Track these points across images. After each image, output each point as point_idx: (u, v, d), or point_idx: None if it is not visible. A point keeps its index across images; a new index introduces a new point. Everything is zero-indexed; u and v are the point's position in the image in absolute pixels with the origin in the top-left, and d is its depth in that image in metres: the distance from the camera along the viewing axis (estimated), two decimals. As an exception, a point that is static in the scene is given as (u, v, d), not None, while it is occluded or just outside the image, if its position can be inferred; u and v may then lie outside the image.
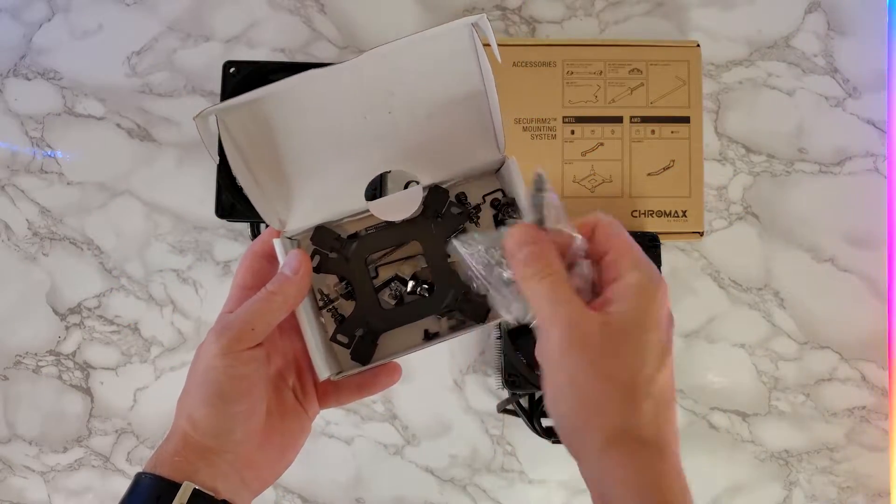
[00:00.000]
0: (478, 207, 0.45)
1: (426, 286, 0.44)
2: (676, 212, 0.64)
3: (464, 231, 0.44)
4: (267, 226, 0.43)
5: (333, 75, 0.39)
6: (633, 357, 0.33)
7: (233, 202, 0.60)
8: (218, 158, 0.39)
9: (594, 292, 0.35)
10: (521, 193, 0.42)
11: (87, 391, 0.65)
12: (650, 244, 0.61)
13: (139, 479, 0.37)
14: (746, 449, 0.65)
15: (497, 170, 0.45)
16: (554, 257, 0.35)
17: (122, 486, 0.66)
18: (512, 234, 0.35)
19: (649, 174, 0.64)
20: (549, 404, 0.35)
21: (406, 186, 0.45)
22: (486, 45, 0.40)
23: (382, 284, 0.44)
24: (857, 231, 0.67)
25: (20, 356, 0.65)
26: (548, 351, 0.34)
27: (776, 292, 0.66)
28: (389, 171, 0.44)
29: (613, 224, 0.36)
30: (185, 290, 0.66)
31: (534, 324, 0.36)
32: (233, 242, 0.66)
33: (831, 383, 0.66)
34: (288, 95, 0.39)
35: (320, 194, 0.43)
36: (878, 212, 0.67)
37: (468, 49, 0.40)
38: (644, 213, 0.64)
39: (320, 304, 0.44)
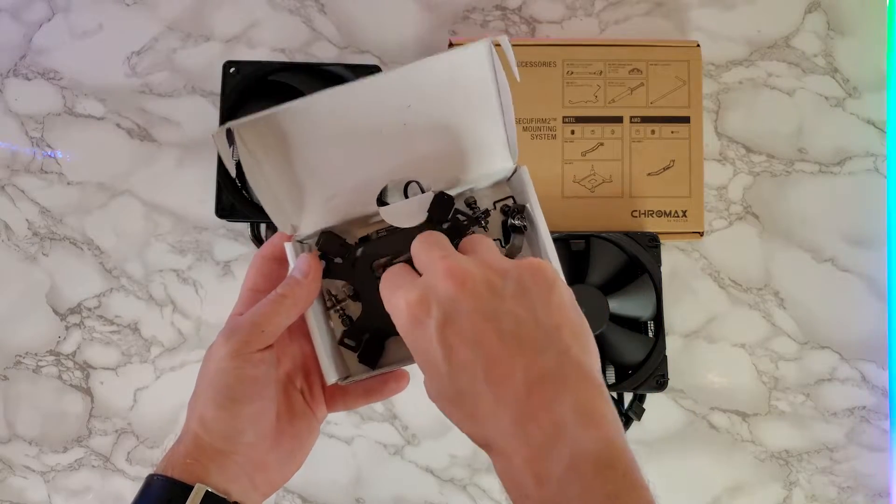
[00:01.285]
0: (486, 212, 0.45)
1: None
2: (676, 212, 0.64)
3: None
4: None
5: (353, 92, 0.39)
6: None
7: (233, 202, 0.60)
8: (235, 173, 0.39)
9: None
10: (535, 206, 0.43)
11: (87, 391, 0.65)
12: (650, 244, 0.61)
13: (151, 481, 0.37)
14: (746, 449, 0.65)
15: (508, 178, 0.45)
16: None
17: (122, 486, 0.66)
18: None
19: (649, 174, 0.64)
20: None
21: (417, 193, 0.45)
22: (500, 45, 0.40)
23: None
24: (857, 231, 0.67)
25: (20, 356, 0.65)
26: None
27: (776, 292, 0.66)
28: (401, 179, 0.44)
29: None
30: (185, 290, 0.66)
31: None
32: (233, 242, 0.66)
33: (831, 383, 0.66)
34: (306, 110, 0.40)
35: (332, 200, 0.43)
36: (878, 212, 0.67)
37: (486, 66, 0.40)
38: (644, 213, 0.64)
39: (328, 304, 0.44)
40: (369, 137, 0.42)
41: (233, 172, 0.39)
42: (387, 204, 0.44)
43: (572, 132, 0.64)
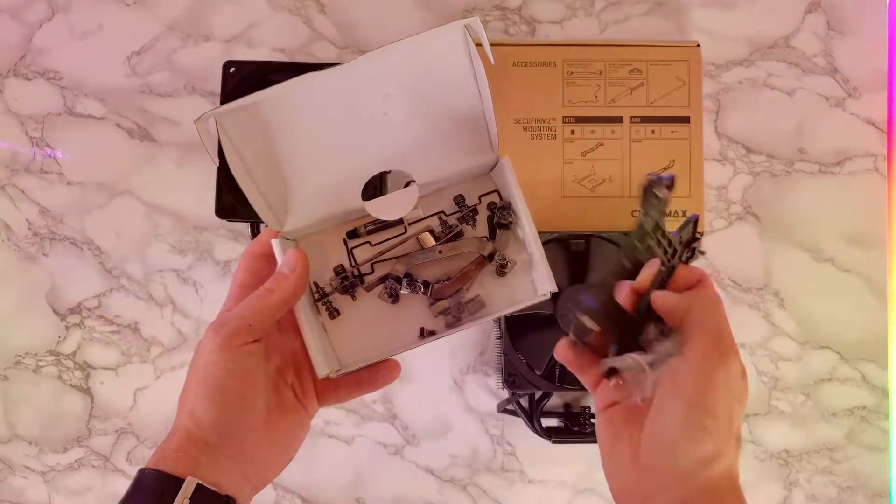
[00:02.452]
0: (474, 210, 0.45)
1: (420, 283, 0.44)
2: (676, 212, 0.64)
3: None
4: (267, 226, 0.43)
5: (331, 78, 0.39)
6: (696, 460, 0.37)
7: (233, 202, 0.60)
8: (218, 161, 0.39)
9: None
10: (516, 195, 0.43)
11: (87, 391, 0.65)
12: (650, 244, 0.61)
13: (142, 475, 0.37)
14: (746, 449, 0.65)
15: (491, 169, 0.45)
16: None
17: (123, 486, 0.66)
18: None
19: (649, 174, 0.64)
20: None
21: (402, 186, 0.45)
22: (478, 44, 0.40)
23: (379, 280, 0.45)
24: (857, 231, 0.67)
25: (20, 356, 0.65)
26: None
27: (776, 292, 0.66)
28: (385, 171, 0.45)
29: (701, 291, 0.39)
30: (185, 290, 0.66)
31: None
32: (233, 242, 0.66)
33: (831, 383, 0.66)
34: (286, 98, 0.40)
35: (317, 194, 0.43)
36: (878, 212, 0.67)
37: (462, 51, 0.41)
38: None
39: (316, 296, 0.44)
40: (350, 127, 0.42)
41: (215, 162, 0.39)
42: (371, 198, 0.44)
43: (572, 132, 0.64)
